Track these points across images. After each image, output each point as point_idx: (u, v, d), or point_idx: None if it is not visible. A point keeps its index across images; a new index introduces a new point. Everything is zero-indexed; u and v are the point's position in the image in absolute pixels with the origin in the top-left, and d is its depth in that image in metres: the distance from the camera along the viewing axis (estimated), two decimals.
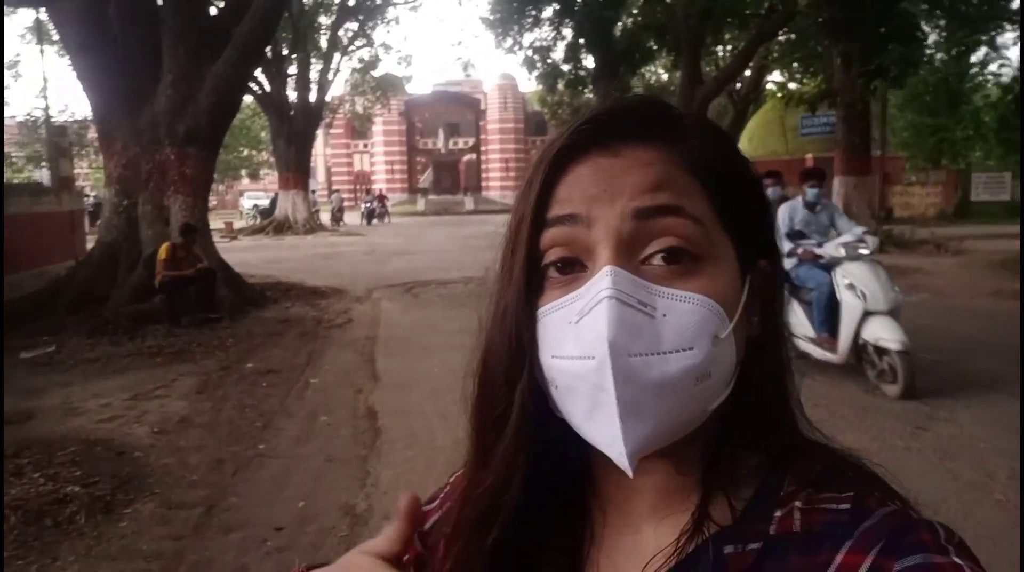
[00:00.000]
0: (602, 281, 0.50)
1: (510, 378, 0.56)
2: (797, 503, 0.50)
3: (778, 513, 0.50)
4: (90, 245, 11.24)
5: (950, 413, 4.90)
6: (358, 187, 52.97)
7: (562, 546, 0.59)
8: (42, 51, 15.49)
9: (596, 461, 0.53)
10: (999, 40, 26.86)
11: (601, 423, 0.50)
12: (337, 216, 31.46)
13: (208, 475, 4.23)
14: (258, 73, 21.59)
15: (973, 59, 29.82)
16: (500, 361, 0.57)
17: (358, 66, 31.07)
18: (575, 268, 0.54)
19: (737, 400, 0.54)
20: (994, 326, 7.83)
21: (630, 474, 0.50)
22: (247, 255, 16.57)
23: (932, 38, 23.46)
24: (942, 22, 22.09)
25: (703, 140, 0.56)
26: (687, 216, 0.52)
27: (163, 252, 8.64)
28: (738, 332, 0.53)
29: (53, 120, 13.12)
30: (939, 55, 26.70)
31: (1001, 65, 30.80)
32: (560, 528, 0.60)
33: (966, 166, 30.15)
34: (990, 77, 33.16)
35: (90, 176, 42.56)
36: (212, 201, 14.77)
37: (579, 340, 0.51)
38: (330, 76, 26.22)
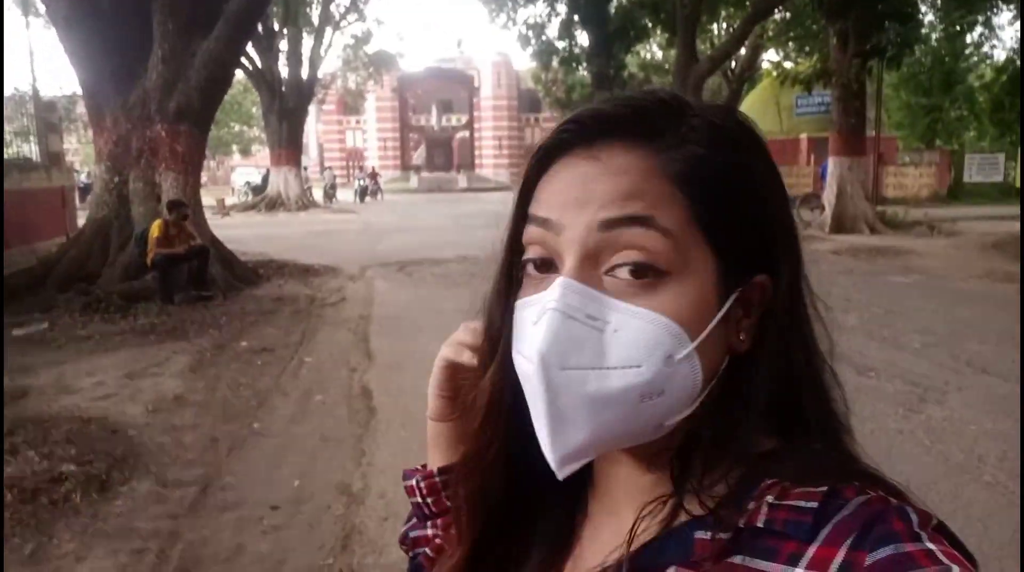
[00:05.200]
0: (552, 292, 0.52)
1: (484, 363, 0.61)
2: (769, 498, 0.50)
3: (751, 506, 0.50)
4: (81, 221, 11.15)
5: (941, 396, 4.95)
6: (351, 164, 52.59)
7: (559, 519, 0.63)
8: (28, 23, 15.29)
9: None
10: (995, 20, 26.80)
11: (539, 426, 0.53)
12: (330, 193, 31.27)
13: (203, 454, 4.23)
14: (249, 48, 21.30)
15: (968, 39, 29.73)
16: (484, 348, 0.62)
17: (350, 42, 30.73)
18: (550, 267, 0.55)
19: (712, 408, 0.53)
20: (986, 308, 7.89)
21: (559, 477, 0.53)
22: (240, 232, 16.46)
23: (928, 17, 23.39)
24: (939, 1, 21.99)
25: (700, 144, 0.53)
26: (656, 227, 0.51)
27: (155, 230, 8.57)
28: (708, 349, 0.52)
29: (41, 95, 12.87)
30: (935, 35, 26.62)
31: (993, 46, 30.75)
32: (561, 503, 0.63)
33: (960, 147, 30.16)
34: (985, 57, 33.15)
35: (80, 152, 42.15)
36: (203, 177, 14.67)
37: (529, 343, 0.53)
38: (322, 52, 25.92)
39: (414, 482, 0.74)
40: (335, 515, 3.51)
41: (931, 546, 0.44)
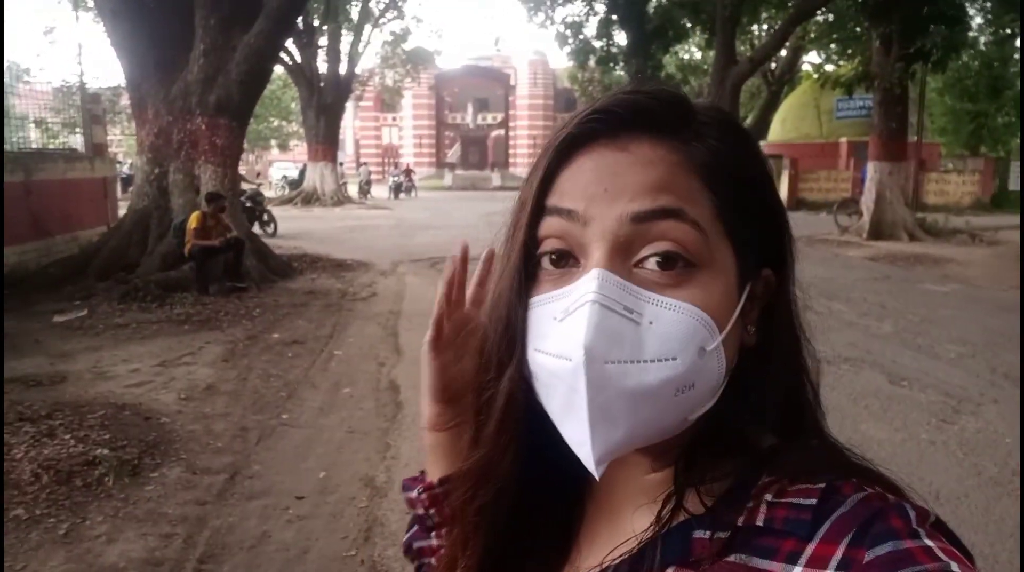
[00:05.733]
0: (589, 283, 0.50)
1: (500, 364, 0.57)
2: (767, 496, 0.49)
3: (750, 504, 0.50)
4: (122, 212, 11.39)
5: (976, 407, 4.84)
6: (386, 160, 53.01)
7: (558, 522, 0.62)
8: (77, 17, 15.71)
9: None
10: None
11: (573, 424, 0.50)
12: (365, 189, 31.53)
13: (232, 442, 4.31)
14: (289, 44, 21.57)
15: (1018, 43, 28.91)
16: (492, 345, 0.58)
17: (389, 39, 30.96)
18: (569, 262, 0.54)
19: (724, 404, 0.53)
20: None
21: (596, 476, 0.51)
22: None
23: (976, 20, 22.82)
24: (987, 4, 21.44)
25: (716, 140, 0.54)
26: (687, 221, 0.51)
27: (193, 221, 8.73)
28: (730, 342, 0.52)
29: (87, 87, 13.18)
30: (983, 38, 25.95)
31: None
32: (560, 505, 0.62)
33: (1005, 154, 29.40)
34: None
35: (123, 143, 43.00)
36: (242, 170, 14.84)
37: (560, 339, 0.51)
38: (360, 48, 26.13)
39: (415, 494, 0.73)
40: (359, 507, 3.55)
41: (929, 543, 0.43)
